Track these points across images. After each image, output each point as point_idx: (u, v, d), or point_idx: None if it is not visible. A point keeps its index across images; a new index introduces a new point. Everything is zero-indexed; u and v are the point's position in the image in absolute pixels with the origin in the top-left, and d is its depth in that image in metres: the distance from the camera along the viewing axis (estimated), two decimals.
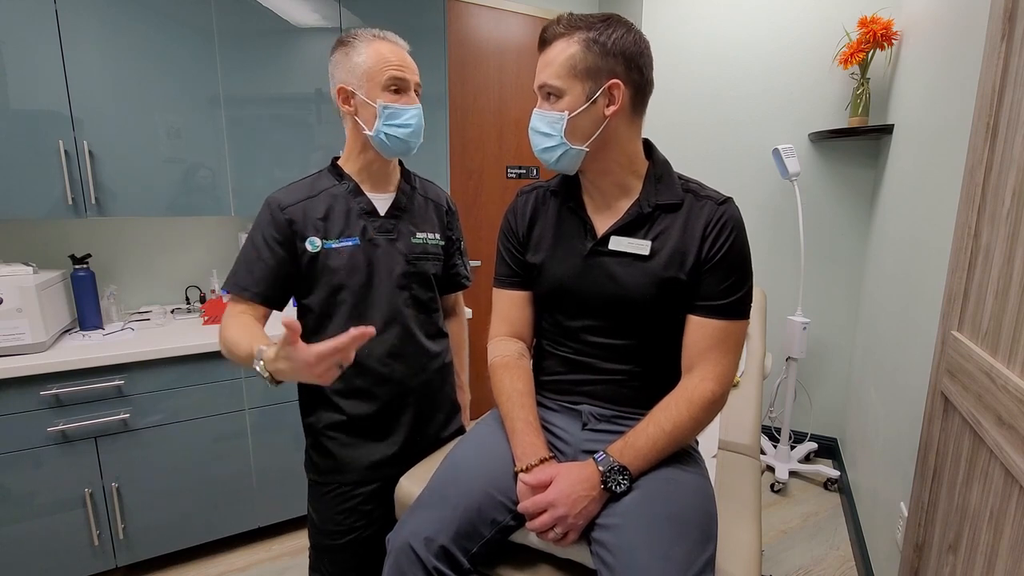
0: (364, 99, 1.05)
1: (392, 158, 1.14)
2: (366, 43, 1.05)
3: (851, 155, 2.36)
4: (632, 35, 0.88)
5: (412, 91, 1.08)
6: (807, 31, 2.33)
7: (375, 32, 1.07)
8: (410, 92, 1.08)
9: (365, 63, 1.04)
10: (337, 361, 0.82)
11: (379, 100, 1.04)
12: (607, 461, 0.85)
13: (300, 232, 1.07)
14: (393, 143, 1.07)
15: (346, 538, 1.14)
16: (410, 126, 1.07)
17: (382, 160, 1.13)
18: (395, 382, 1.14)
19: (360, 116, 1.07)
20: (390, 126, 1.06)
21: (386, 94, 1.05)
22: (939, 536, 1.11)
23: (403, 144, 1.09)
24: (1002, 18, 0.98)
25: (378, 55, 1.04)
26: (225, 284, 1.08)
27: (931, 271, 1.39)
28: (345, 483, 1.15)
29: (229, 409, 1.77)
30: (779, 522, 2.12)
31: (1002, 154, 0.96)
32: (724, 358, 0.91)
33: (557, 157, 0.92)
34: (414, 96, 1.09)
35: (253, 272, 1.07)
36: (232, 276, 1.08)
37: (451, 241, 1.26)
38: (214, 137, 1.83)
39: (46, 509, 1.57)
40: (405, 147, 1.10)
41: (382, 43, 1.06)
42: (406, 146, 1.09)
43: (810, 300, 2.45)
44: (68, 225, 1.92)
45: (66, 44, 1.59)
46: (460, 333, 1.39)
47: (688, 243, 0.91)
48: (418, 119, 1.08)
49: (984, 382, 0.93)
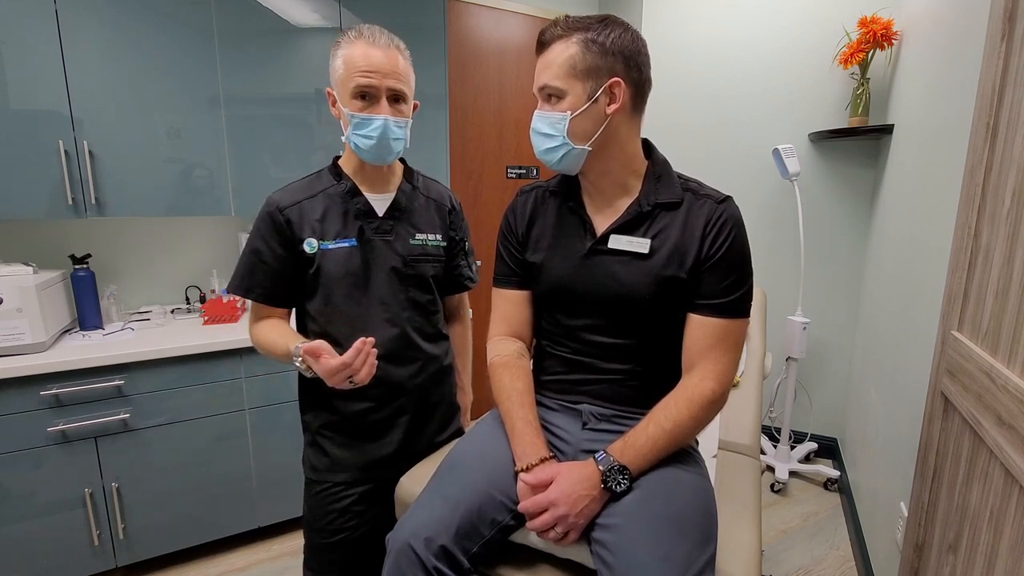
0: (341, 105, 1.05)
1: (373, 164, 1.10)
2: (345, 46, 1.02)
3: (851, 155, 2.36)
4: (630, 34, 0.88)
5: (383, 98, 1.02)
6: (807, 31, 2.33)
7: (356, 32, 1.03)
8: (380, 100, 1.02)
9: (339, 68, 1.02)
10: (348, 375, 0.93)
11: (347, 107, 1.03)
12: (607, 460, 0.85)
13: (298, 233, 1.07)
14: (364, 151, 1.05)
15: (336, 537, 1.15)
16: (372, 138, 1.02)
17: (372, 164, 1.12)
18: (391, 384, 1.14)
19: (342, 120, 1.07)
20: (357, 135, 1.03)
21: (353, 102, 1.02)
22: (939, 536, 1.11)
23: (371, 154, 1.05)
24: (1002, 18, 0.98)
25: (349, 60, 1.01)
26: (229, 286, 1.09)
27: (931, 271, 1.39)
28: (338, 482, 1.15)
29: (229, 409, 1.77)
30: (779, 522, 2.12)
31: (1002, 154, 0.96)
32: (724, 357, 0.91)
33: (560, 157, 0.93)
34: (384, 105, 1.02)
35: (256, 273, 1.08)
36: (235, 278, 1.09)
37: (454, 241, 1.24)
38: (214, 137, 1.83)
39: (46, 509, 1.57)
40: (375, 156, 1.06)
41: (357, 45, 1.01)
42: (375, 155, 1.06)
43: (810, 300, 2.45)
44: (68, 225, 1.92)
45: (66, 44, 1.59)
46: (463, 335, 1.37)
47: (688, 242, 0.91)
48: (382, 130, 1.02)
49: (984, 382, 0.93)
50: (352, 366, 0.92)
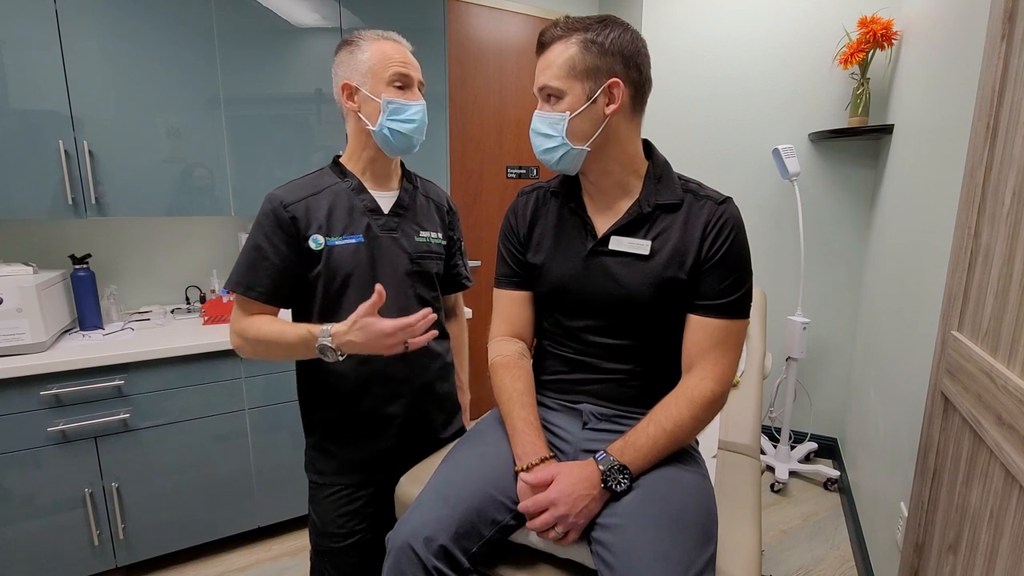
0: (368, 95, 1.06)
1: (394, 155, 1.13)
2: (371, 42, 1.07)
3: (851, 155, 2.36)
4: (629, 34, 0.89)
5: (416, 88, 1.10)
6: (807, 31, 2.33)
7: (380, 32, 1.09)
8: (414, 88, 1.09)
9: (370, 60, 1.06)
10: (405, 337, 0.96)
11: (384, 95, 1.05)
12: (607, 460, 0.85)
13: (303, 230, 1.06)
14: (396, 139, 1.08)
15: (348, 541, 1.14)
16: (414, 121, 1.08)
17: (384, 158, 1.13)
18: (397, 381, 1.14)
19: (363, 112, 1.08)
20: (394, 121, 1.06)
21: (391, 89, 1.06)
22: (939, 536, 1.11)
23: (406, 140, 1.09)
24: (1002, 18, 0.98)
25: (383, 53, 1.06)
26: (227, 284, 1.07)
27: (931, 271, 1.39)
28: (348, 485, 1.14)
29: (229, 409, 1.77)
30: (779, 522, 2.12)
31: (1002, 154, 0.96)
32: (724, 357, 0.91)
33: (559, 157, 0.93)
34: (418, 93, 1.10)
35: (258, 271, 1.05)
36: (235, 275, 1.06)
37: (452, 241, 1.26)
38: (214, 137, 1.83)
39: (46, 509, 1.57)
40: (408, 143, 1.10)
41: (386, 42, 1.08)
42: (409, 142, 1.10)
43: (810, 300, 2.45)
44: (68, 225, 1.91)
45: (66, 44, 1.59)
46: (460, 334, 1.38)
47: (688, 243, 0.91)
48: (422, 115, 1.09)
49: (984, 382, 0.93)
50: (415, 327, 0.96)
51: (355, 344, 0.96)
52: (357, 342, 0.96)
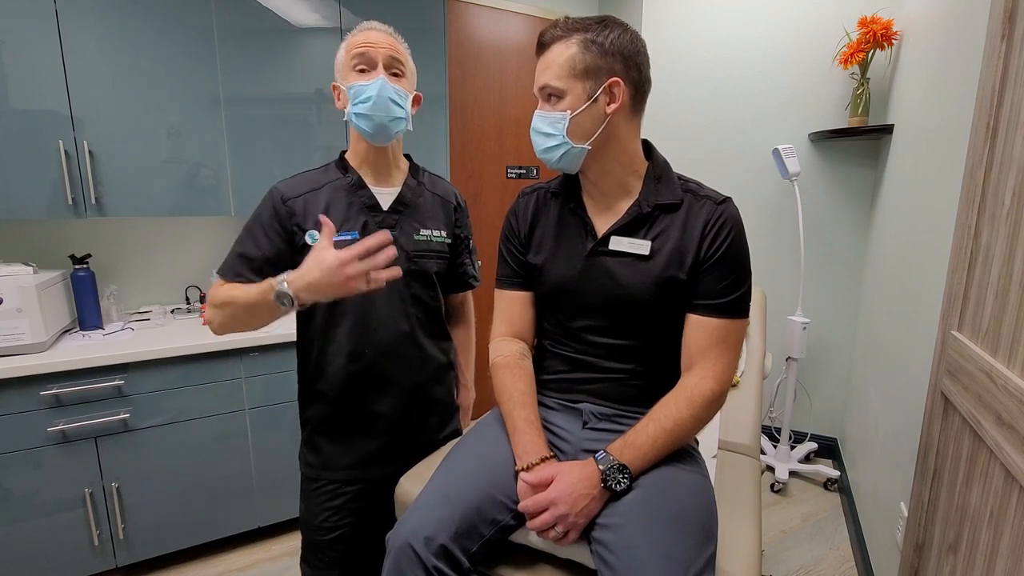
0: (341, 87, 1.08)
1: (377, 143, 1.10)
2: (348, 39, 1.09)
3: (851, 155, 2.36)
4: (628, 34, 0.89)
5: (379, 65, 1.05)
6: (807, 31, 2.33)
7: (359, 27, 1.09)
8: (376, 67, 1.05)
9: (342, 54, 1.09)
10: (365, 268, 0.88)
11: (346, 83, 1.07)
12: (607, 460, 0.85)
13: (301, 224, 1.07)
14: (363, 122, 1.05)
15: (331, 535, 1.15)
16: (370, 99, 1.03)
17: (377, 150, 1.12)
18: (390, 381, 1.14)
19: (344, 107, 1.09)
20: (356, 104, 1.05)
21: (352, 75, 1.06)
22: (939, 536, 1.11)
23: (371, 121, 1.05)
24: (1002, 18, 0.98)
25: (350, 43, 1.07)
26: (220, 269, 1.07)
27: (931, 271, 1.39)
28: (334, 480, 1.15)
29: (229, 409, 1.77)
30: (779, 522, 2.12)
31: (1002, 154, 0.96)
32: (724, 357, 0.91)
33: (559, 156, 0.93)
34: (380, 70, 1.05)
35: (250, 258, 1.06)
36: (227, 261, 1.06)
37: (458, 239, 1.23)
38: (214, 137, 1.83)
39: (46, 509, 1.57)
40: (376, 125, 1.05)
41: (359, 33, 1.08)
42: (376, 123, 1.05)
43: (810, 300, 2.45)
44: (68, 225, 1.92)
45: (66, 44, 1.59)
46: (467, 334, 1.36)
47: (687, 242, 0.91)
48: (378, 90, 1.03)
49: (984, 382, 0.93)
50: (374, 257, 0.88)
51: (312, 285, 0.89)
52: (312, 281, 0.89)
